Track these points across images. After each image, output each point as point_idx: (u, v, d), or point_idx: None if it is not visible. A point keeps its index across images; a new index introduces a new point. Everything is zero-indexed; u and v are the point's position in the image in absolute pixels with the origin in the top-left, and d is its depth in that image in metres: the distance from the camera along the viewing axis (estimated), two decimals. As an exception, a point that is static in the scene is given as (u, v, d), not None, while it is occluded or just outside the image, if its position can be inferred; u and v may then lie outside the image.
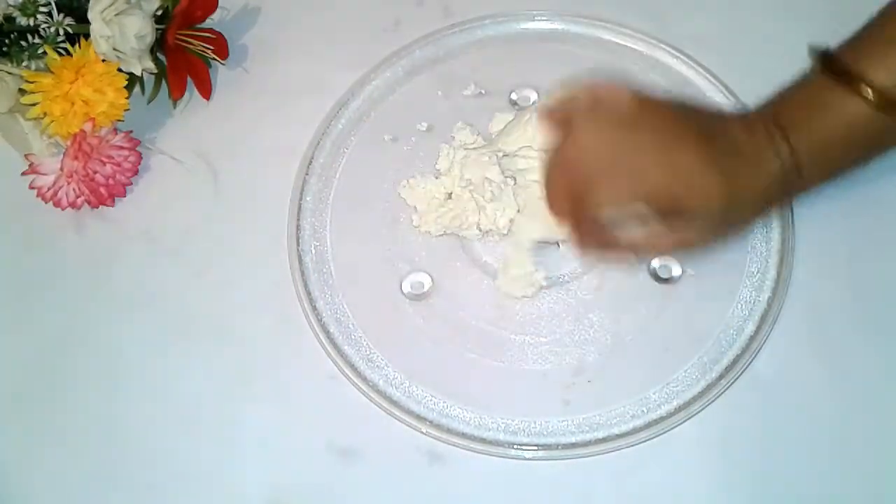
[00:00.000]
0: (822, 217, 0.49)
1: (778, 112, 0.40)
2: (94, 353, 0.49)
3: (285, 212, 0.51)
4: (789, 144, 0.39)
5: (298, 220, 0.51)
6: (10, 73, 0.51)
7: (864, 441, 0.44)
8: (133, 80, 0.53)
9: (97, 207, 0.53)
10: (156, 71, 0.54)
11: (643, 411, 0.44)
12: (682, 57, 0.55)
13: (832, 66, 0.38)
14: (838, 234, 0.49)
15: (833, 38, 0.40)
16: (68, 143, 0.51)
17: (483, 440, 0.44)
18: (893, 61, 0.37)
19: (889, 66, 0.37)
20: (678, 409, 0.44)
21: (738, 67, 0.53)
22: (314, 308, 0.48)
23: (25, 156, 0.52)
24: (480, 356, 0.47)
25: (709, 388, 0.45)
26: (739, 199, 0.39)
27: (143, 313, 0.50)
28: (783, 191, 0.41)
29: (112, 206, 0.53)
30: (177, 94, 0.55)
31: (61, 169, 0.51)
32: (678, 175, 0.39)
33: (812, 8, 0.56)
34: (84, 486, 0.45)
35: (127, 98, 0.52)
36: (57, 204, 0.52)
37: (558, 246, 0.49)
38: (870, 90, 0.37)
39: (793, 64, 0.41)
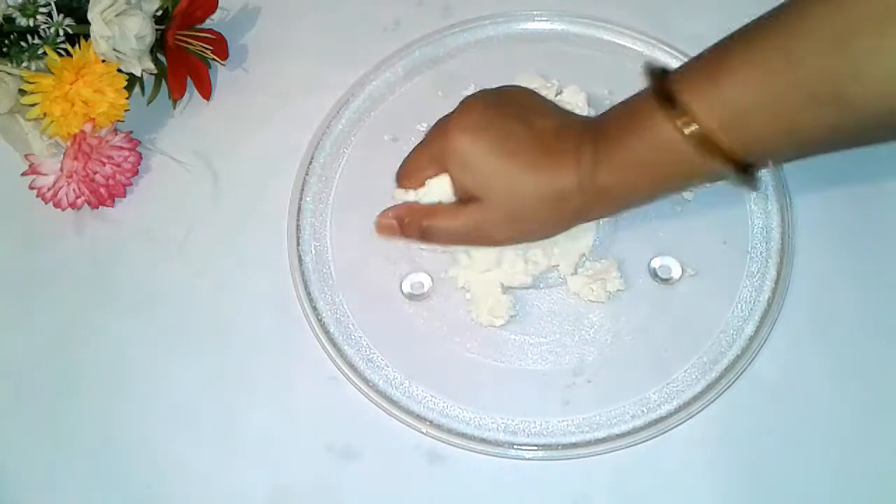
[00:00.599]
0: (823, 217, 0.49)
1: (600, 123, 0.39)
2: (95, 353, 0.49)
3: (285, 212, 0.51)
4: (594, 157, 0.38)
5: (298, 220, 0.51)
6: (10, 74, 0.51)
7: (865, 441, 0.44)
8: (133, 81, 0.53)
9: (97, 207, 0.53)
10: (156, 71, 0.54)
11: (643, 411, 0.44)
12: (682, 57, 0.55)
13: (661, 88, 0.36)
14: (838, 234, 0.49)
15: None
16: (68, 143, 0.51)
17: (483, 440, 0.44)
18: (719, 99, 0.34)
19: (713, 102, 0.34)
20: (678, 409, 0.44)
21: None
22: (314, 308, 0.48)
23: (25, 156, 0.52)
24: (480, 356, 0.47)
25: (709, 388, 0.45)
26: (525, 198, 0.40)
27: (143, 313, 0.50)
28: (581, 203, 0.39)
29: (112, 206, 0.53)
30: (177, 95, 0.55)
31: (61, 169, 0.51)
32: (475, 162, 0.40)
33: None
34: (84, 486, 0.45)
35: (127, 98, 0.52)
36: (57, 204, 0.52)
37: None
38: (688, 123, 0.34)
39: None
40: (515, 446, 0.44)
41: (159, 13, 0.54)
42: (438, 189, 0.43)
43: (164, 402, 0.47)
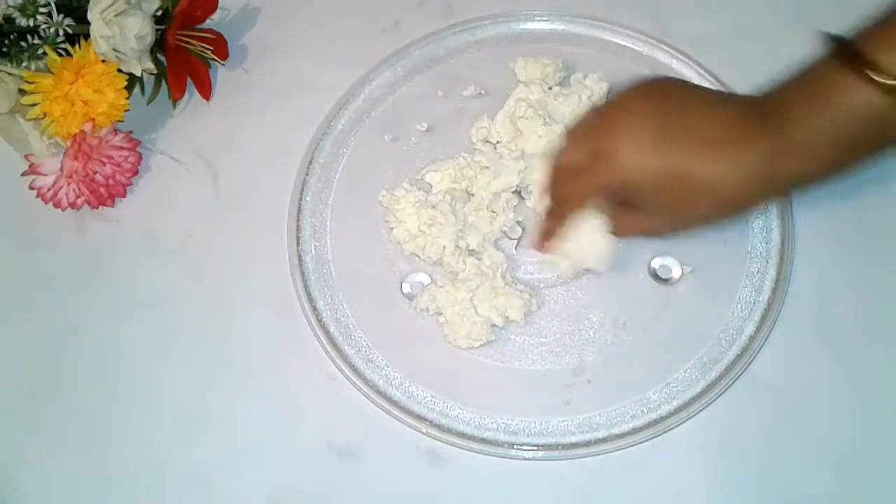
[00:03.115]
0: (823, 217, 0.49)
1: (779, 99, 0.39)
2: (94, 352, 0.49)
3: (285, 212, 0.51)
4: (782, 131, 0.38)
5: (298, 220, 0.51)
6: (10, 74, 0.51)
7: (865, 441, 0.44)
8: (133, 81, 0.53)
9: (97, 207, 0.53)
10: (156, 71, 0.54)
11: (643, 411, 0.44)
12: (681, 57, 0.55)
13: (844, 51, 0.36)
14: (839, 234, 0.49)
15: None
16: (68, 143, 0.51)
17: (483, 440, 0.44)
18: None
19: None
20: (678, 409, 0.44)
21: (738, 67, 0.53)
22: (314, 308, 0.48)
23: (25, 156, 0.52)
24: (480, 356, 0.47)
25: (709, 388, 0.45)
26: (713, 189, 0.39)
27: (142, 313, 0.50)
28: (772, 181, 0.39)
29: (112, 206, 0.53)
30: (177, 95, 0.55)
31: (61, 169, 0.51)
32: (641, 164, 0.40)
33: (812, 8, 0.56)
34: (84, 486, 0.45)
35: (127, 98, 0.52)
36: (57, 204, 0.52)
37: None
38: (882, 77, 0.34)
39: (793, 64, 0.41)
40: (515, 446, 0.44)
41: (159, 13, 0.53)
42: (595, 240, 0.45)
43: (164, 402, 0.47)
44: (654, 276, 0.48)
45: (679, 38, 0.56)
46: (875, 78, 0.34)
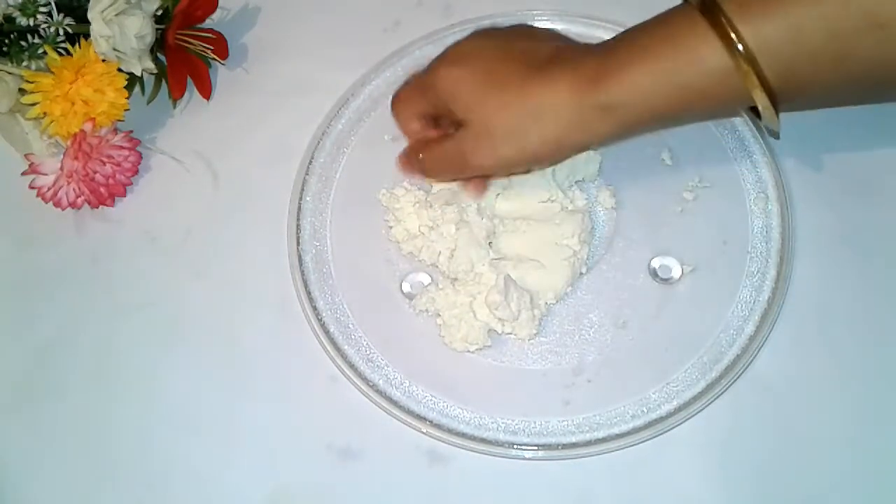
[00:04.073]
0: (823, 216, 0.49)
1: (616, 41, 0.38)
2: (94, 352, 0.49)
3: (285, 212, 0.51)
4: (598, 71, 0.37)
5: (298, 220, 0.51)
6: (10, 73, 0.51)
7: (865, 441, 0.44)
8: (133, 80, 0.53)
9: (97, 207, 0.53)
10: (156, 71, 0.54)
11: (643, 411, 0.44)
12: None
13: (706, 4, 0.35)
14: (839, 234, 0.49)
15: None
16: (68, 143, 0.51)
17: (483, 440, 0.44)
18: (765, 21, 0.33)
19: (759, 25, 0.33)
20: (678, 409, 0.44)
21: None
22: (314, 308, 0.48)
23: (25, 156, 0.52)
24: (480, 356, 0.47)
25: (709, 388, 0.45)
26: (507, 114, 0.39)
27: (142, 313, 0.50)
28: (577, 120, 0.38)
29: (112, 206, 0.53)
30: (177, 94, 0.55)
31: (61, 169, 0.51)
32: (458, 88, 0.41)
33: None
34: (84, 486, 0.45)
35: (127, 98, 0.52)
36: (57, 204, 0.52)
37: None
38: (734, 41, 0.33)
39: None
40: (515, 446, 0.44)
41: (159, 12, 0.53)
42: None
43: (164, 402, 0.47)
44: (654, 275, 0.48)
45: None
46: (729, 33, 0.33)
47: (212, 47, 0.56)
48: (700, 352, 0.46)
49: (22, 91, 0.50)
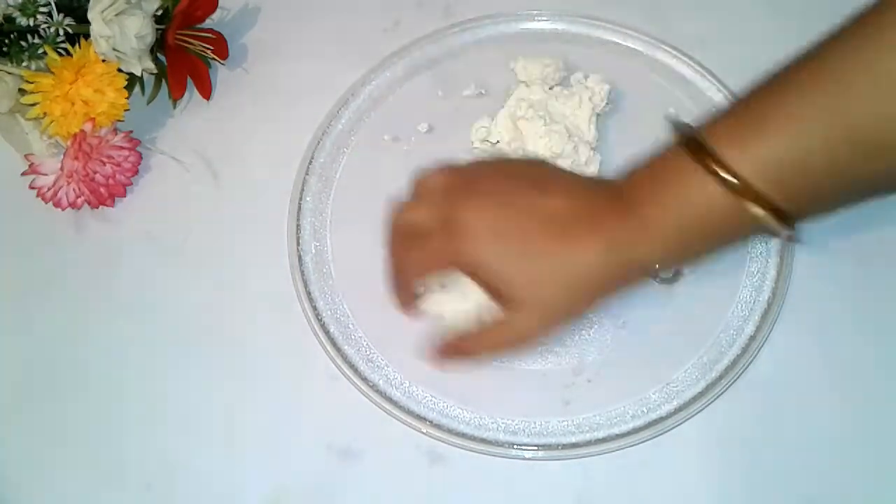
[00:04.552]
0: (823, 217, 0.49)
1: (629, 184, 0.38)
2: (94, 352, 0.49)
3: (285, 212, 0.51)
4: (624, 230, 0.37)
5: (298, 220, 0.51)
6: (10, 73, 0.51)
7: (864, 441, 0.44)
8: (133, 80, 0.53)
9: (97, 207, 0.53)
10: (156, 71, 0.54)
11: (643, 411, 0.44)
12: (682, 57, 0.55)
13: (689, 141, 0.35)
14: (839, 234, 0.49)
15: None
16: (68, 143, 0.51)
17: (483, 440, 0.44)
18: (759, 154, 0.33)
19: (754, 158, 0.33)
20: (678, 409, 0.44)
21: (738, 67, 0.53)
22: (314, 308, 0.48)
23: (25, 156, 0.52)
24: (480, 356, 0.47)
25: (709, 388, 0.45)
26: (552, 287, 0.38)
27: (142, 313, 0.50)
28: (608, 279, 0.38)
29: (112, 206, 0.53)
30: (177, 94, 0.55)
31: (61, 169, 0.51)
32: (497, 270, 0.38)
33: (812, 8, 0.56)
34: (84, 486, 0.45)
35: (127, 98, 0.52)
36: (57, 204, 0.52)
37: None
38: (724, 172, 0.33)
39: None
40: (515, 446, 0.44)
41: (159, 13, 0.53)
42: (453, 302, 0.43)
43: (164, 402, 0.47)
44: (654, 275, 0.48)
45: (679, 38, 0.56)
46: (718, 172, 0.34)
47: (212, 47, 0.56)
48: (700, 352, 0.46)
49: (22, 91, 0.50)
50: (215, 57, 0.56)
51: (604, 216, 0.38)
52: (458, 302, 0.44)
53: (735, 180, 0.33)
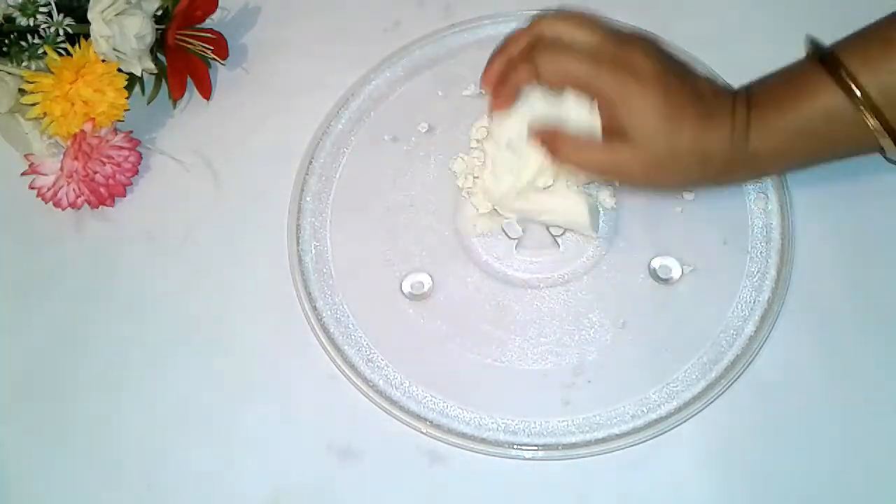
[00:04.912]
0: (823, 217, 0.49)
1: (756, 87, 0.41)
2: (94, 352, 0.49)
3: (285, 212, 0.51)
4: (747, 121, 0.40)
5: (298, 220, 0.51)
6: (10, 73, 0.51)
7: (865, 441, 0.44)
8: (133, 80, 0.53)
9: (97, 207, 0.53)
10: (156, 71, 0.54)
11: (643, 411, 0.44)
12: (681, 57, 0.55)
13: (822, 55, 0.39)
14: (838, 234, 0.49)
15: (833, 38, 0.41)
16: (68, 143, 0.51)
17: (483, 440, 0.44)
18: (885, 68, 0.37)
19: (879, 70, 0.37)
20: (678, 409, 0.44)
21: (738, 67, 0.53)
22: (314, 308, 0.48)
23: (25, 156, 0.52)
24: (480, 356, 0.47)
25: (709, 388, 0.45)
26: (676, 150, 0.41)
27: (142, 313, 0.50)
28: (727, 165, 0.41)
29: (112, 206, 0.53)
30: (177, 95, 0.55)
31: (61, 169, 0.51)
32: (643, 105, 0.41)
33: (813, 8, 0.56)
34: (84, 486, 0.45)
35: (127, 98, 0.52)
36: (57, 204, 0.52)
37: (557, 245, 0.49)
38: (855, 87, 0.37)
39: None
40: (515, 446, 0.44)
41: (159, 13, 0.54)
42: (584, 114, 0.43)
43: (164, 402, 0.47)
44: (654, 276, 0.48)
45: (679, 37, 0.55)
46: (846, 81, 0.37)
47: (212, 47, 0.56)
48: (700, 352, 0.46)
49: (22, 91, 0.50)
50: (215, 57, 0.56)
51: (736, 108, 0.41)
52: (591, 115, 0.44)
53: (859, 92, 0.37)
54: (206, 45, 0.55)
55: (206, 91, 0.57)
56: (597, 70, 0.42)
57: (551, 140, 0.44)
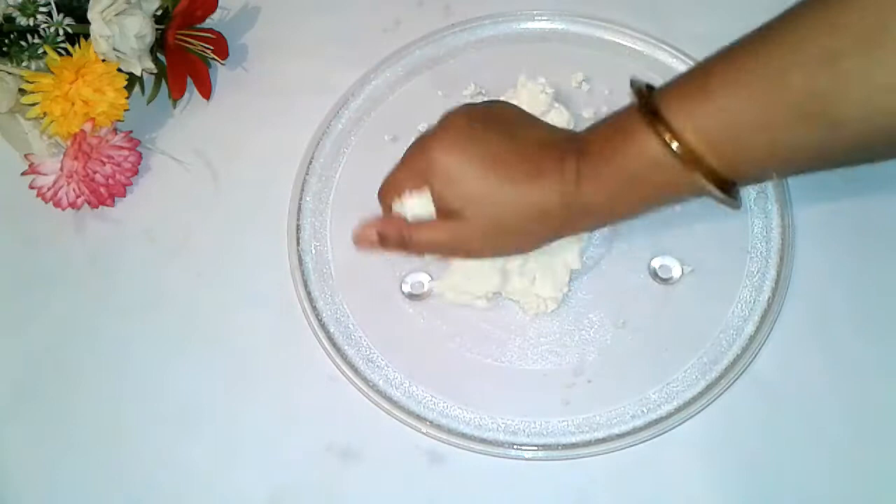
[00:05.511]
0: (823, 216, 0.49)
1: (586, 135, 0.40)
2: (95, 352, 0.49)
3: (285, 212, 0.51)
4: (577, 171, 0.38)
5: (298, 220, 0.51)
6: (10, 73, 0.51)
7: (864, 441, 0.44)
8: (133, 80, 0.53)
9: (97, 207, 0.53)
10: (156, 71, 0.54)
11: (643, 411, 0.44)
12: (682, 57, 0.55)
13: (644, 101, 0.36)
14: (838, 234, 0.49)
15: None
16: (68, 143, 0.51)
17: (483, 440, 0.44)
18: (704, 116, 0.34)
19: (698, 120, 0.34)
20: (678, 409, 0.44)
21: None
22: (314, 308, 0.48)
23: (25, 156, 0.52)
24: (480, 356, 0.47)
25: (709, 388, 0.45)
26: (506, 212, 0.40)
27: (142, 313, 0.50)
28: (563, 217, 0.40)
29: (112, 206, 0.53)
30: (177, 94, 0.55)
31: (61, 169, 0.51)
32: (456, 177, 0.40)
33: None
34: (84, 486, 0.45)
35: (127, 98, 0.52)
36: (57, 204, 0.52)
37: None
38: (672, 139, 0.35)
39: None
40: (515, 446, 0.44)
41: (159, 13, 0.53)
42: (419, 203, 0.43)
43: (165, 402, 0.47)
44: (654, 276, 0.48)
45: (679, 37, 0.56)
46: (660, 130, 0.35)
47: (212, 47, 0.56)
48: (700, 352, 0.46)
49: (22, 91, 0.50)
50: (215, 57, 0.56)
51: (566, 158, 0.39)
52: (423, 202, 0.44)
53: (676, 144, 0.35)
54: (206, 45, 0.55)
55: (206, 91, 0.57)
56: (407, 162, 0.43)
57: (382, 231, 0.44)
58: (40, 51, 0.51)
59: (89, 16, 0.50)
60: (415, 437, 0.45)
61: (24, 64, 0.51)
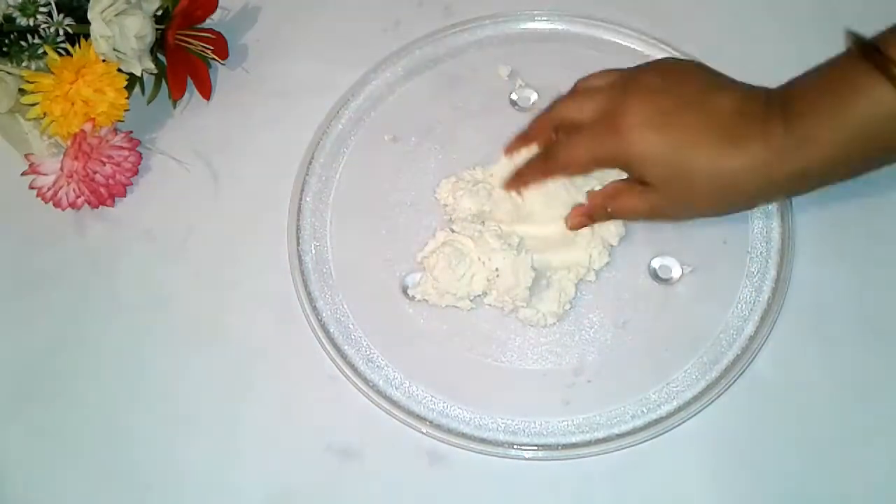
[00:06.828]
0: (823, 217, 0.49)
1: (791, 94, 0.38)
2: (94, 352, 0.49)
3: (285, 212, 0.51)
4: (786, 135, 0.37)
5: (298, 220, 0.51)
6: (10, 73, 0.51)
7: (864, 441, 0.44)
8: (133, 80, 0.53)
9: (97, 207, 0.53)
10: (156, 71, 0.54)
11: (643, 411, 0.44)
12: (682, 57, 0.55)
13: (865, 49, 0.35)
14: (839, 234, 0.49)
15: (834, 39, 0.40)
16: (68, 143, 0.51)
17: (483, 440, 0.44)
18: None
19: None
20: (678, 409, 0.44)
21: (738, 67, 0.53)
22: (314, 308, 0.48)
23: (25, 156, 0.52)
24: (480, 356, 0.47)
25: (709, 388, 0.45)
26: (702, 185, 0.40)
27: (142, 313, 0.50)
28: (765, 184, 0.39)
29: (112, 206, 0.53)
30: (177, 95, 0.55)
31: (61, 169, 0.51)
32: (653, 160, 0.40)
33: (813, 9, 0.57)
34: (84, 486, 0.45)
35: (127, 98, 0.52)
36: (57, 204, 0.52)
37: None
38: None
39: (793, 65, 0.41)
40: (515, 446, 0.44)
41: (159, 13, 0.53)
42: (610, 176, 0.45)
43: (165, 401, 0.47)
44: (654, 276, 0.48)
45: (679, 38, 0.56)
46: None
47: (212, 47, 0.56)
48: (700, 352, 0.46)
49: (22, 91, 0.50)
50: (215, 57, 0.56)
51: (769, 122, 0.38)
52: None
53: None
54: (206, 45, 0.55)
55: (206, 91, 0.57)
56: (593, 149, 0.42)
57: (589, 208, 0.45)
58: (40, 51, 0.51)
59: (89, 16, 0.50)
60: (415, 437, 0.45)
61: (24, 64, 0.51)
